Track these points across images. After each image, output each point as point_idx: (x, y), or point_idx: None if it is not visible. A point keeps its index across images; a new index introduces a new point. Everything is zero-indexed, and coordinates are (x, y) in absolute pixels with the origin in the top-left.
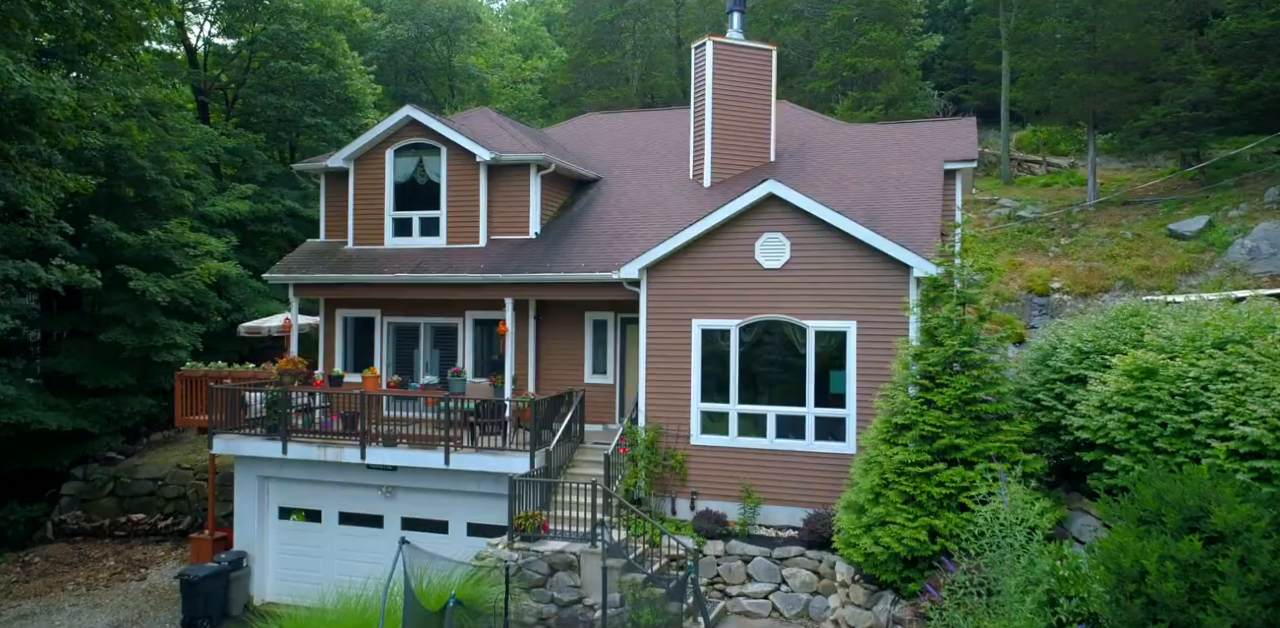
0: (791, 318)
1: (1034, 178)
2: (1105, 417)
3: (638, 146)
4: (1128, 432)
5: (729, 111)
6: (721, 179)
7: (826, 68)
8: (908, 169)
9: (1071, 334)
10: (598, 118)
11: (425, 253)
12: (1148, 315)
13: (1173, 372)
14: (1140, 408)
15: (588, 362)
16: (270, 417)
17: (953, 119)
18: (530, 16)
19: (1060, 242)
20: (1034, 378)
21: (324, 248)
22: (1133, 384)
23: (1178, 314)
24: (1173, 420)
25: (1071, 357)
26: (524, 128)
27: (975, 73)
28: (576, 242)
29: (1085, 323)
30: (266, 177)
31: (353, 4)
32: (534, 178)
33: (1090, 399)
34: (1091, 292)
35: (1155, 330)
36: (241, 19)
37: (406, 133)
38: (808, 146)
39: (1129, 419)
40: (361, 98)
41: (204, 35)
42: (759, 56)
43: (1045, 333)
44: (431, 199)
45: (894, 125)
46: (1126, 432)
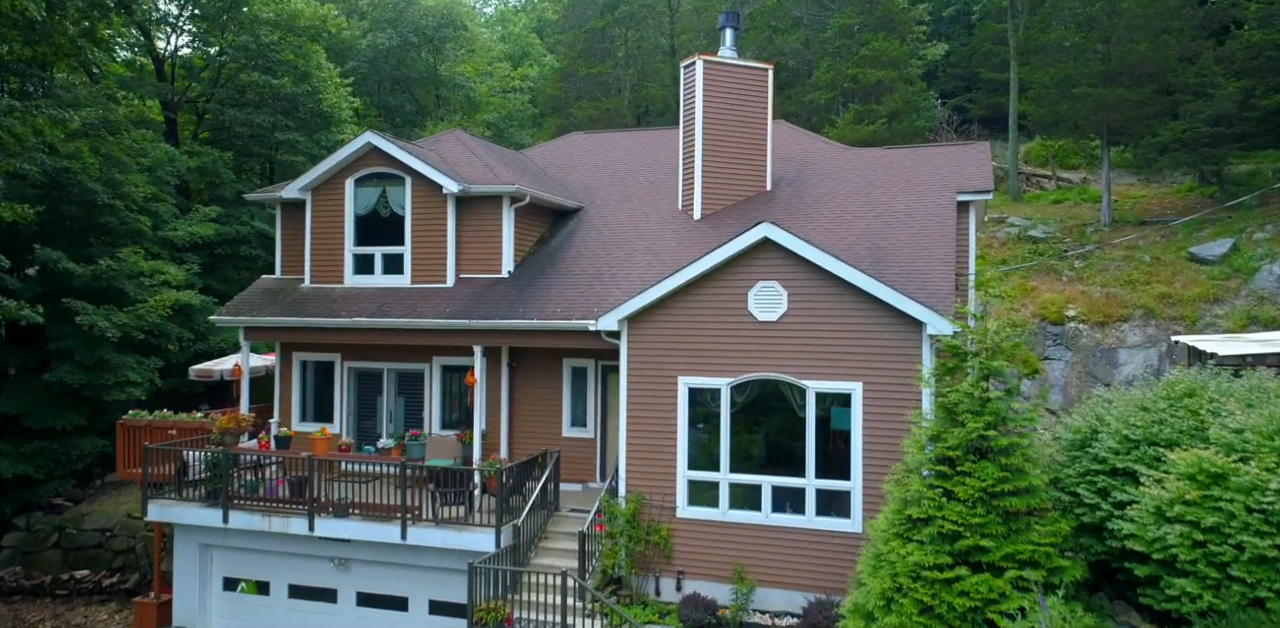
0: (789, 378)
1: (1044, 193)
2: (1163, 528)
3: (623, 171)
4: (1192, 551)
5: (721, 137)
6: (713, 211)
7: (826, 78)
8: (916, 201)
9: (1115, 416)
10: (581, 138)
11: (387, 293)
12: (1206, 397)
13: (1247, 480)
14: (1209, 523)
15: (566, 413)
16: (211, 480)
17: (964, 144)
18: (520, 23)
19: (1074, 264)
20: (1071, 466)
21: (279, 286)
22: (1197, 492)
23: (1243, 396)
24: (1252, 544)
25: (1117, 445)
26: (500, 152)
27: (980, 81)
28: (553, 282)
29: (1130, 401)
30: (235, 196)
31: (328, 14)
32: (507, 211)
33: (1143, 502)
34: (1109, 321)
35: (1220, 419)
36: (210, 30)
37: (368, 161)
38: (807, 173)
39: (1194, 535)
40: (337, 112)
41: (170, 47)
42: (754, 76)
43: (1083, 411)
44: (395, 234)
45: (900, 150)
46: (1191, 550)
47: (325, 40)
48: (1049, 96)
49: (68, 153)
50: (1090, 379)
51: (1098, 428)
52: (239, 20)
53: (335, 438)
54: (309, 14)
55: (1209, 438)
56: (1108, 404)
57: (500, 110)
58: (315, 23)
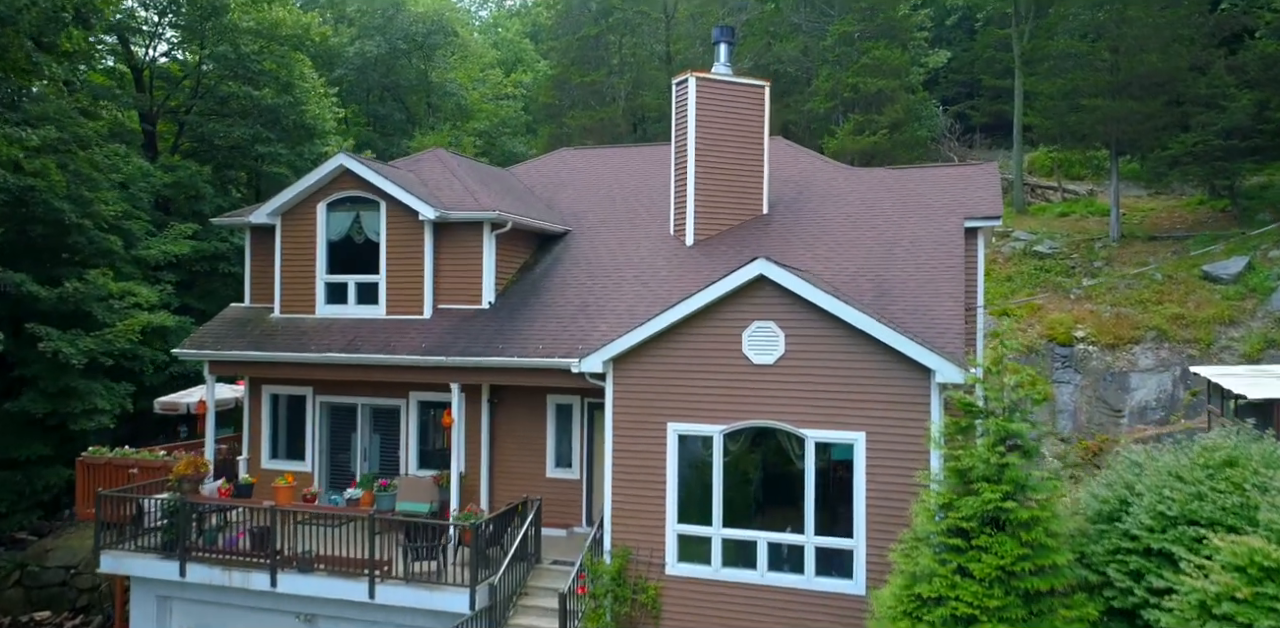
0: (787, 426)
1: (1049, 205)
2: (1208, 626)
3: (613, 190)
4: None
5: (715, 159)
6: (706, 236)
7: (826, 87)
8: (921, 227)
9: (1148, 486)
10: (571, 154)
11: (361, 325)
12: (1250, 468)
13: None
14: (1264, 626)
15: (550, 453)
16: (168, 529)
17: (971, 165)
18: (513, 28)
19: (1082, 282)
20: (1099, 542)
21: (247, 316)
22: (1248, 588)
23: None
24: None
25: (1151, 522)
26: (484, 171)
27: (983, 88)
28: (536, 314)
29: (1163, 468)
30: (215, 211)
31: (310, 22)
32: (488, 238)
33: (1185, 593)
34: (1120, 343)
35: (1269, 498)
36: (189, 39)
37: (341, 184)
38: (805, 195)
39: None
40: (320, 124)
41: (150, 56)
42: (750, 94)
43: (1109, 476)
44: (370, 261)
45: (903, 171)
46: None
47: (309, 49)
48: (1055, 108)
49: (33, 170)
50: (1101, 405)
51: (1128, 499)
52: (219, 29)
53: (299, 487)
54: (291, 23)
55: (1257, 520)
56: (1137, 469)
57: (492, 118)
58: (297, 32)
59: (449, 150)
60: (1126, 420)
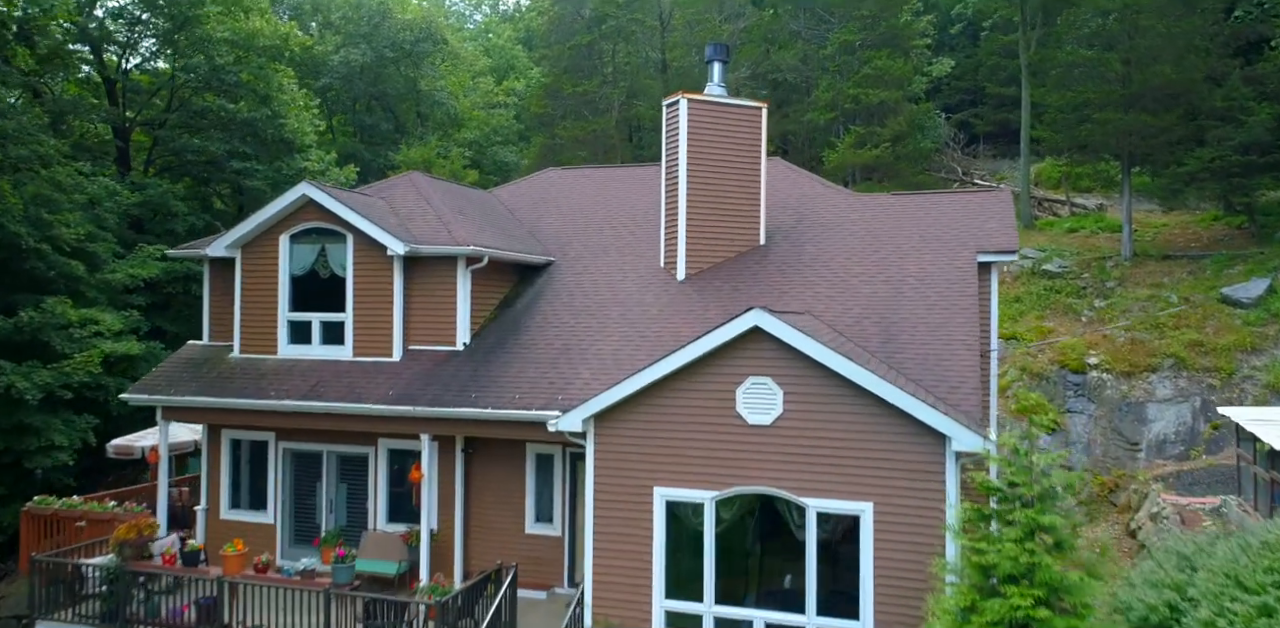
0: (785, 493)
1: (1058, 220)
2: None
3: (601, 215)
4: None
5: (708, 186)
6: (698, 270)
7: (826, 98)
8: (931, 261)
9: (1203, 592)
10: (557, 175)
11: (325, 368)
12: None
13: None
14: None
15: (529, 507)
16: (107, 599)
17: (983, 191)
18: (505, 35)
19: (1094, 303)
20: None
21: (204, 355)
22: None
23: None
24: None
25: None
26: (462, 195)
27: (986, 96)
28: (514, 357)
29: (1218, 568)
30: (188, 230)
31: (289, 32)
32: (463, 274)
33: None
34: (1135, 370)
35: None
36: (161, 50)
37: (305, 215)
38: (806, 223)
39: None
40: (300, 138)
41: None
42: (746, 116)
43: (1154, 573)
44: (336, 298)
45: (910, 197)
46: None
47: (288, 59)
48: (1065, 121)
49: None
50: (1116, 437)
51: (1177, 605)
52: (192, 40)
53: (251, 554)
54: (269, 33)
55: None
56: (1187, 566)
57: (483, 127)
58: (276, 42)
59: (425, 174)
60: (1144, 454)
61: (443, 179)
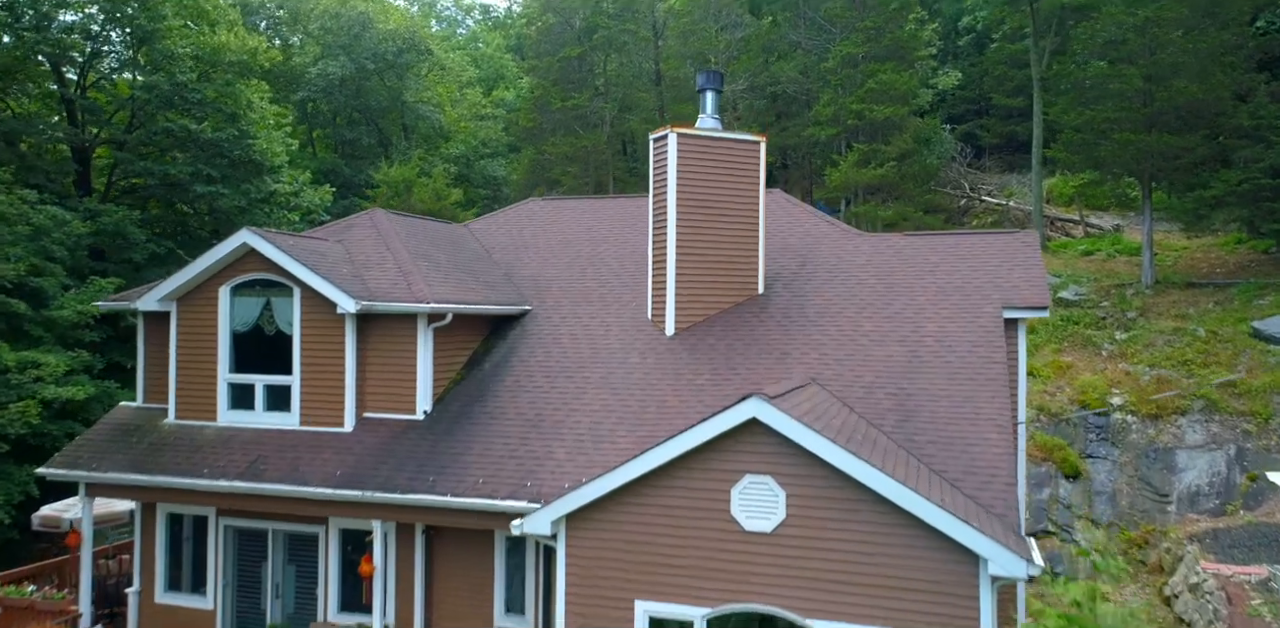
0: (787, 613)
1: (1071, 241)
2: None
3: (584, 254)
4: None
5: (701, 230)
6: (689, 324)
7: (828, 113)
8: (951, 317)
9: None
10: (539, 207)
11: (269, 439)
12: None
13: None
14: None
15: (498, 598)
16: None
17: (1006, 232)
18: (494, 43)
19: (1114, 336)
20: None
21: (137, 419)
22: None
23: None
24: None
25: None
26: (430, 235)
27: (993, 107)
28: (480, 430)
29: None
30: (148, 257)
31: (258, 47)
32: (424, 333)
33: None
34: (1163, 413)
35: None
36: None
37: (247, 265)
38: (809, 268)
39: None
40: (270, 159)
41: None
42: (742, 152)
43: None
44: (282, 359)
45: (925, 239)
46: None
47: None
48: (1082, 143)
49: None
50: (1144, 487)
51: None
52: (152, 57)
53: None
54: (236, 47)
55: None
56: None
57: (471, 140)
58: (243, 57)
59: (389, 211)
60: (1175, 507)
61: (408, 215)
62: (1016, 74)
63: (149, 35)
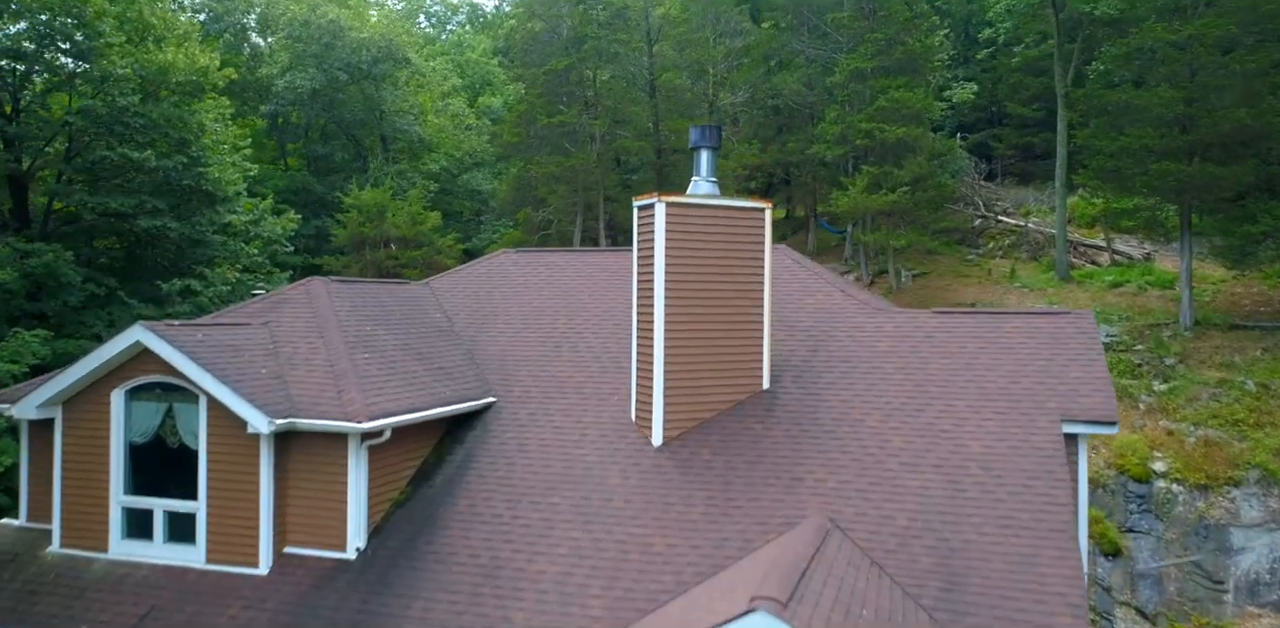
0: None
1: (1097, 271)
2: None
3: (561, 326)
4: None
5: (694, 318)
6: (680, 432)
7: (835, 132)
8: (998, 433)
9: None
10: (512, 262)
11: (168, 581)
12: None
13: None
14: None
15: None
16: None
17: (1056, 314)
18: (480, 48)
19: (1152, 386)
20: None
21: (15, 545)
22: None
23: None
24: None
25: None
26: (378, 307)
27: (1008, 116)
28: (424, 580)
29: None
30: (85, 300)
31: (209, 65)
32: (357, 454)
33: None
34: (1213, 483)
35: None
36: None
37: (146, 364)
38: (823, 355)
39: None
40: (223, 188)
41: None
42: (743, 221)
43: None
44: (186, 479)
45: (959, 318)
46: None
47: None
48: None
49: None
50: (1195, 570)
51: None
52: (89, 79)
53: None
54: (184, 66)
55: None
56: None
57: (454, 153)
58: (193, 77)
59: (332, 280)
60: (1232, 597)
61: (357, 282)
62: (1033, 82)
63: (83, 54)
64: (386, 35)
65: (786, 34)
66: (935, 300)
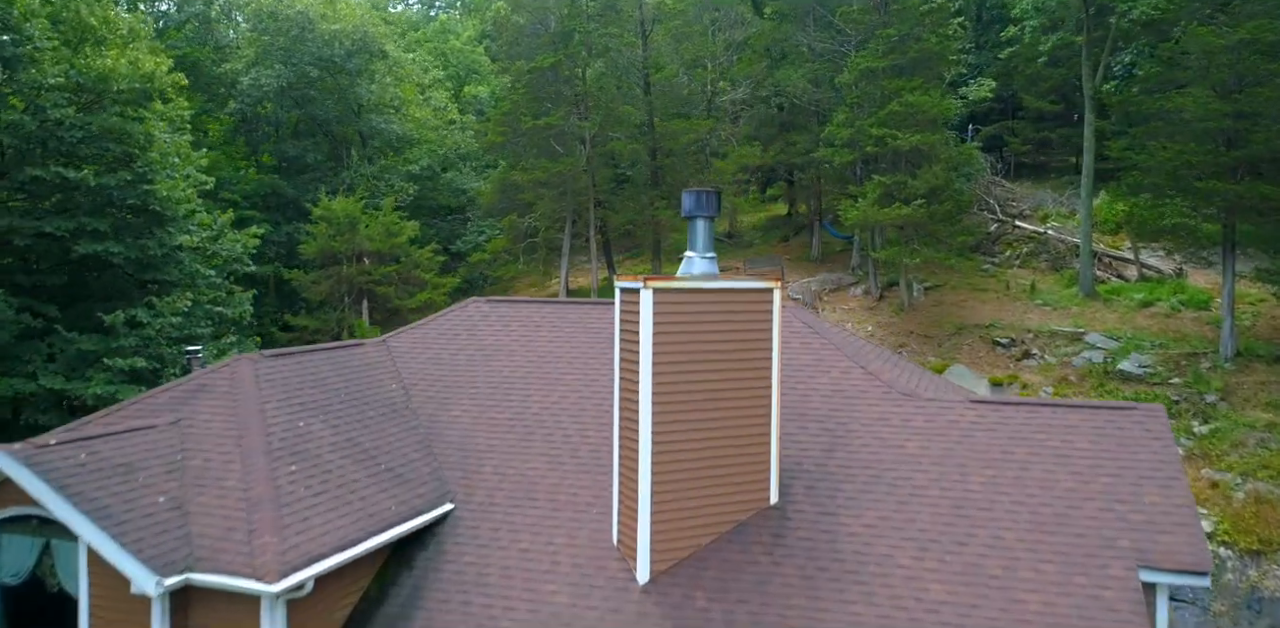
0: None
1: (1125, 287)
2: None
3: (532, 409)
4: None
5: (687, 421)
6: (669, 564)
7: (844, 136)
8: (1060, 582)
9: None
10: (480, 313)
11: None
12: None
13: None
14: None
15: None
16: None
17: (1118, 409)
18: (465, 35)
19: (1192, 427)
20: None
21: None
22: None
23: None
24: None
25: None
26: (325, 374)
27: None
28: None
29: None
30: (20, 333)
31: (155, 72)
32: (271, 612)
33: None
34: (1267, 549)
35: None
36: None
37: (13, 493)
38: (841, 458)
39: None
40: (175, 207)
41: None
42: (747, 304)
43: None
44: None
45: (1000, 411)
46: None
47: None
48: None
49: None
50: None
51: None
52: (20, 89)
53: None
54: (126, 72)
55: None
56: None
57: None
58: (136, 84)
59: (264, 356)
60: None
61: (295, 352)
62: (1051, 73)
63: (10, 62)
64: (361, 26)
65: (791, 25)
66: (950, 319)
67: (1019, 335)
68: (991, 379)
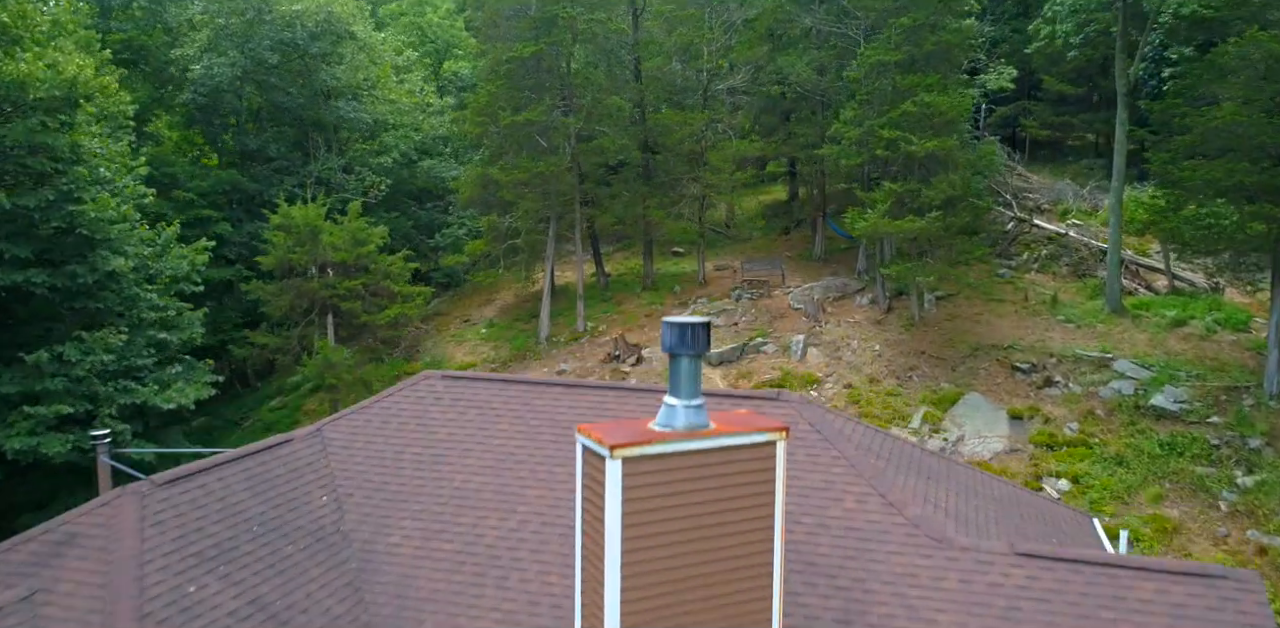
0: None
1: (1154, 301)
2: None
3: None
4: None
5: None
6: None
7: (853, 136)
8: None
9: None
10: (434, 393)
11: None
12: None
13: None
14: None
15: None
16: None
17: (1209, 577)
18: (444, 5)
19: (1235, 478)
20: None
21: None
22: None
23: None
24: None
25: None
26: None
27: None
28: None
29: None
30: None
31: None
32: None
33: None
34: None
35: None
36: None
37: None
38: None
39: None
40: (104, 230)
41: None
42: (743, 462)
43: None
44: None
45: (1053, 570)
46: None
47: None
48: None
49: None
50: None
51: None
52: None
53: None
54: (45, 77)
55: None
56: None
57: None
58: (62, 90)
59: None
60: None
61: (199, 472)
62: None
63: None
64: (324, 6)
65: (795, 5)
66: (965, 338)
67: (1040, 360)
68: (1010, 410)
